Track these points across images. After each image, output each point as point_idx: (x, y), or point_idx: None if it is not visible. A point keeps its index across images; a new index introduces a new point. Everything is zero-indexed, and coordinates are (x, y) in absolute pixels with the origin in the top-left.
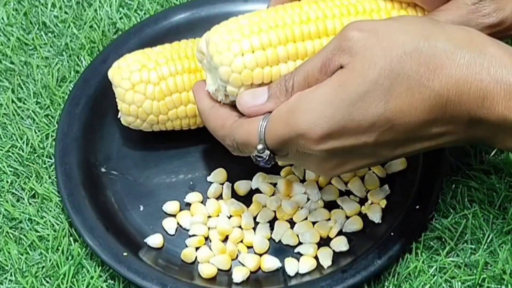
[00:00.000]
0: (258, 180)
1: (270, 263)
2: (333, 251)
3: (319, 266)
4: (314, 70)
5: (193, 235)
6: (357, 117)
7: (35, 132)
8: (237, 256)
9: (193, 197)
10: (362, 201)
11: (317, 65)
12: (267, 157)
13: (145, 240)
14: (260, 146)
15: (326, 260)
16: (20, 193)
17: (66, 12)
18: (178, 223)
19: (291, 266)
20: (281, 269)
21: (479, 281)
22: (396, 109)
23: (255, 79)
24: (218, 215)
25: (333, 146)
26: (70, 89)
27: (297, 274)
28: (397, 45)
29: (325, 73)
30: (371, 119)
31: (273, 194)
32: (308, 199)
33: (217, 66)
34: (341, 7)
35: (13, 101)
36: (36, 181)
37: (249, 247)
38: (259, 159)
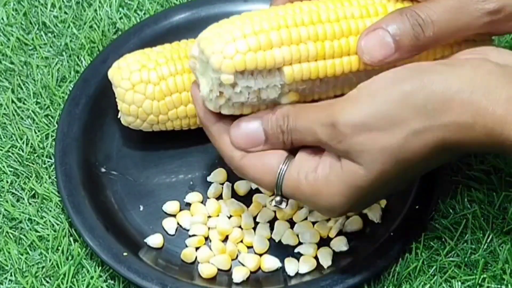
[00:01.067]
0: None
1: (270, 263)
2: (333, 251)
3: (319, 266)
4: (308, 138)
5: (193, 235)
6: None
7: (35, 132)
8: (237, 256)
9: (193, 197)
10: None
11: (313, 136)
12: (286, 205)
13: (145, 240)
14: (277, 198)
15: (326, 260)
16: (20, 193)
17: (66, 12)
18: (178, 223)
19: (291, 266)
20: (281, 269)
21: (479, 281)
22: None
23: (248, 64)
24: (218, 215)
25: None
26: (70, 89)
27: (297, 274)
28: (392, 138)
29: (318, 145)
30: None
31: (273, 194)
32: None
33: (209, 57)
34: (335, 2)
35: (13, 101)
36: (36, 181)
37: (249, 247)
38: (277, 209)
